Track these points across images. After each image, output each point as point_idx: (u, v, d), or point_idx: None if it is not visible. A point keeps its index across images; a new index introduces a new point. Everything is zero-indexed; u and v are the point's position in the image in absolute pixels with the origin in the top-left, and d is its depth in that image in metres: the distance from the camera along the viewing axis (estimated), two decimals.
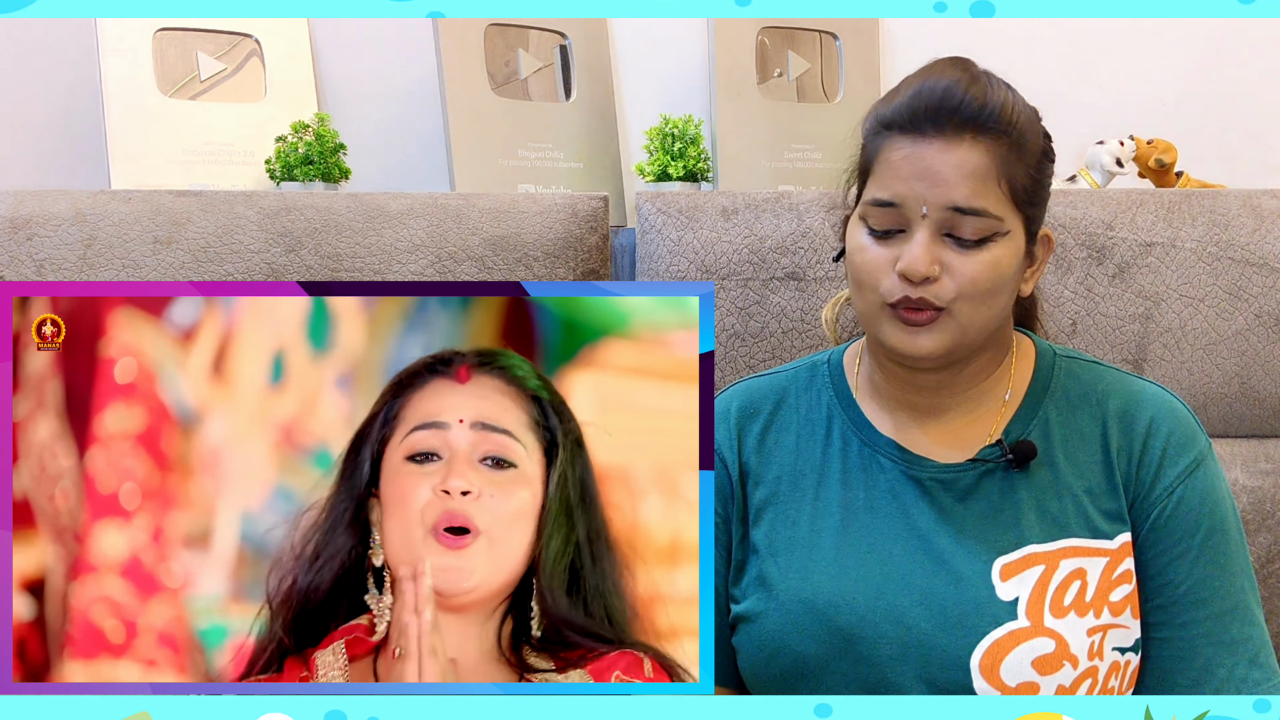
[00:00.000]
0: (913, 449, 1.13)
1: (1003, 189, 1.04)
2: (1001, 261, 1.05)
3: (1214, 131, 2.02)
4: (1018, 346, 1.16)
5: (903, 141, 1.05)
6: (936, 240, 1.04)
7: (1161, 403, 1.12)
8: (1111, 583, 1.07)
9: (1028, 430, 1.12)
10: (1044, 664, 1.04)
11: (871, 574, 1.09)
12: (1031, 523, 1.08)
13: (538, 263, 1.58)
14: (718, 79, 1.84)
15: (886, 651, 1.06)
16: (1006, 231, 1.05)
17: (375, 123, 1.88)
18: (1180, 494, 1.08)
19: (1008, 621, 1.05)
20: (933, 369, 1.10)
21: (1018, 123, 1.05)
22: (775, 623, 1.10)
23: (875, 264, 1.06)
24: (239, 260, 1.54)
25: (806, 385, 1.20)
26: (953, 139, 1.03)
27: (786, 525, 1.14)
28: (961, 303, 1.04)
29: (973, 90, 1.04)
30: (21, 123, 1.81)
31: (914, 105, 1.04)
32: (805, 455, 1.16)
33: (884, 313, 1.06)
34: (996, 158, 1.03)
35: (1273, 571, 1.58)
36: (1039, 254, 1.12)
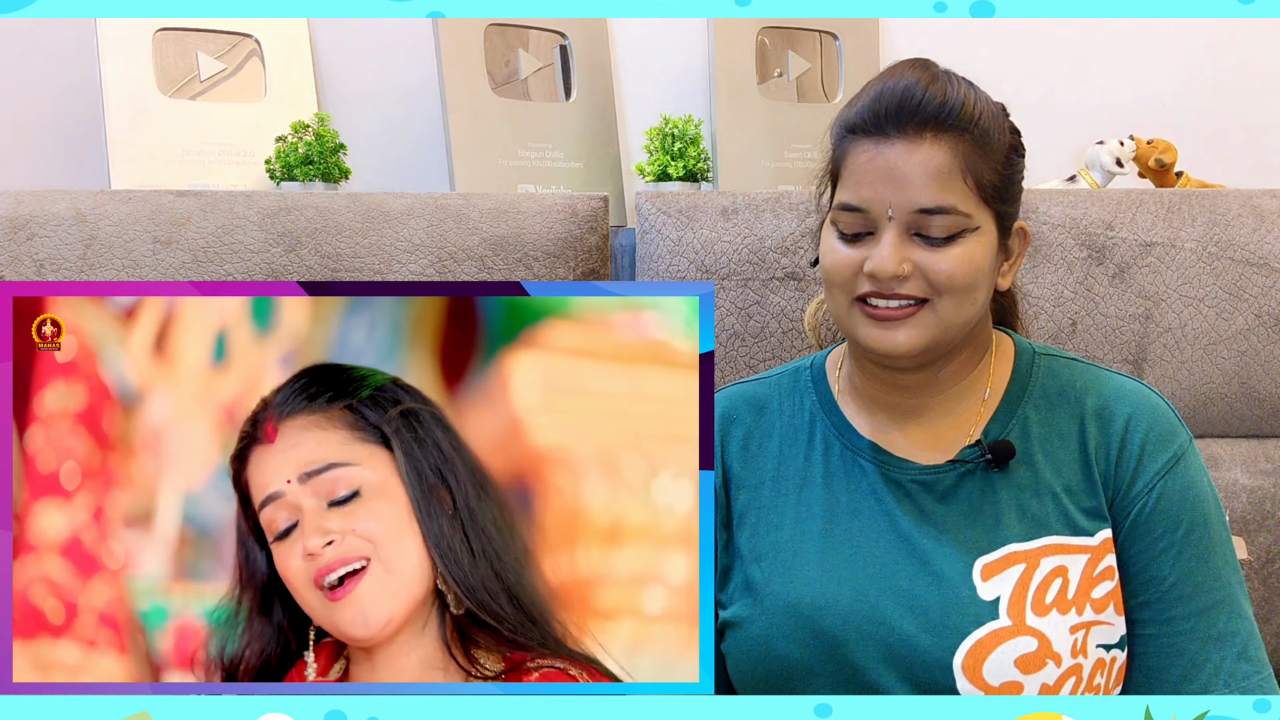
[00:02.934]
0: (894, 451, 1.13)
1: (969, 185, 1.05)
2: (974, 257, 1.05)
3: (1214, 131, 2.02)
4: (997, 345, 1.16)
5: (866, 144, 1.06)
6: (905, 240, 1.05)
7: (1139, 398, 1.11)
8: (1093, 579, 1.07)
9: (1007, 429, 1.12)
10: (1027, 663, 1.04)
11: (855, 577, 1.09)
12: (1012, 522, 1.08)
13: (538, 263, 1.58)
14: (718, 79, 1.84)
15: (870, 654, 1.06)
16: (976, 227, 1.05)
17: (375, 123, 1.88)
18: (1161, 489, 1.08)
19: (989, 621, 1.05)
20: (913, 367, 1.10)
21: (980, 119, 1.06)
22: (761, 628, 1.11)
23: (844, 266, 1.07)
24: (239, 260, 1.54)
25: (790, 391, 1.20)
26: (914, 138, 1.04)
27: (770, 530, 1.14)
28: (940, 298, 1.05)
29: (932, 89, 1.04)
30: (21, 123, 1.81)
31: (875, 108, 1.06)
32: (788, 460, 1.16)
33: (855, 310, 1.07)
34: (959, 155, 1.04)
35: (1273, 572, 1.58)
36: (1015, 248, 1.12)
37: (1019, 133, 1.11)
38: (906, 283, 1.05)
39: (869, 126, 1.06)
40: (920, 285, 1.05)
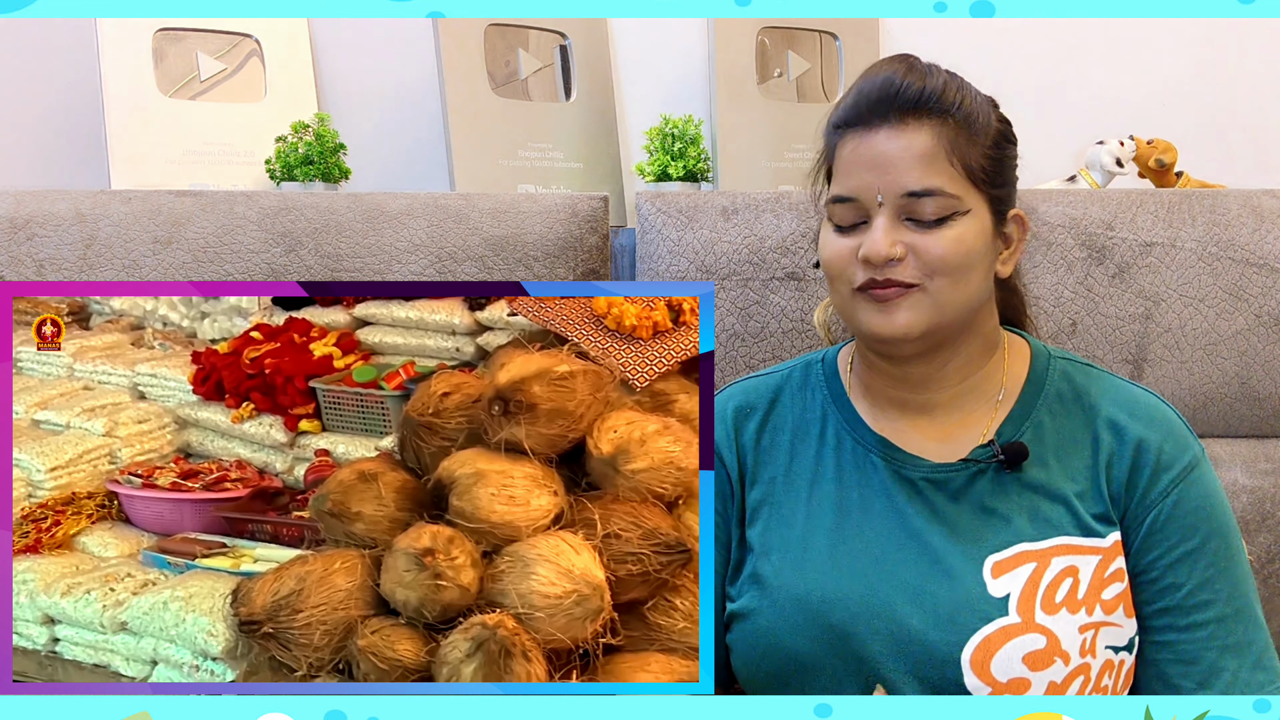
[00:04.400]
0: (905, 448, 1.14)
1: (956, 168, 1.06)
2: (966, 238, 1.06)
3: (1214, 131, 2.02)
4: (1010, 346, 1.17)
5: (852, 136, 1.08)
6: (896, 225, 1.06)
7: (1155, 411, 1.12)
8: (1104, 580, 1.08)
9: (1020, 431, 1.12)
10: (1035, 660, 1.04)
11: (864, 572, 1.09)
12: (1023, 523, 1.09)
13: (538, 263, 1.58)
14: (718, 79, 1.84)
15: (878, 648, 1.07)
16: (967, 210, 1.07)
17: (375, 123, 1.88)
18: (1176, 497, 1.09)
19: (999, 617, 1.05)
20: (916, 355, 1.11)
21: (962, 103, 1.07)
22: (769, 620, 1.11)
23: (841, 255, 1.08)
24: (239, 260, 1.54)
25: (801, 385, 1.21)
26: (897, 125, 1.06)
27: (782, 525, 1.14)
28: (933, 280, 1.06)
29: (910, 77, 1.07)
30: (21, 123, 1.82)
31: (858, 101, 1.08)
32: (800, 455, 1.17)
33: (856, 299, 1.09)
34: (944, 138, 1.06)
35: (1273, 572, 1.58)
36: (1013, 234, 1.13)
37: (1008, 122, 1.12)
38: (900, 266, 1.06)
39: (853, 119, 1.08)
40: (914, 268, 1.06)
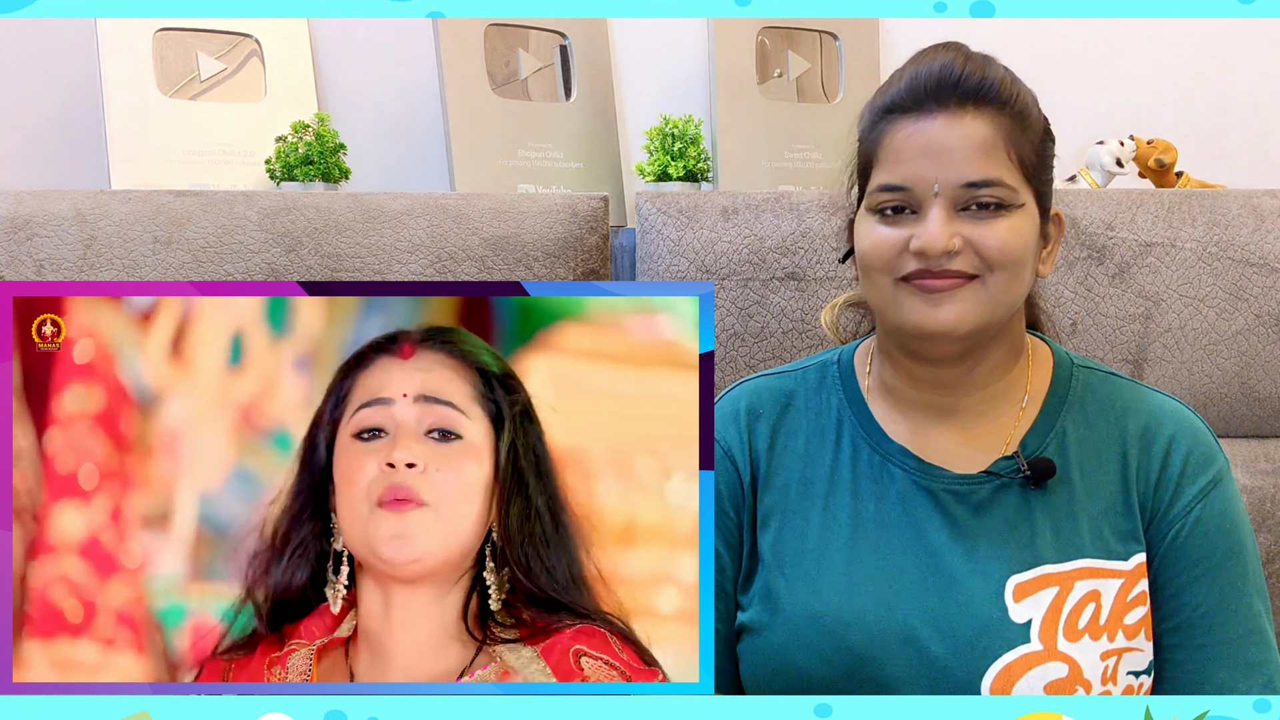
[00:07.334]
0: (926, 456, 1.09)
1: (1012, 160, 1.02)
2: (1023, 230, 1.03)
3: (1214, 131, 2.02)
4: (1034, 351, 1.13)
5: (905, 122, 1.03)
6: (952, 216, 1.01)
7: (1181, 420, 1.09)
8: (1126, 605, 1.05)
9: (1045, 442, 1.09)
10: (1057, 689, 1.01)
11: (881, 591, 1.06)
12: (1047, 542, 1.05)
13: (538, 263, 1.58)
14: (718, 79, 1.84)
15: (896, 673, 1.03)
16: (1022, 204, 1.03)
17: (375, 123, 1.88)
18: (1198, 513, 1.06)
19: (1020, 645, 1.02)
20: (952, 355, 1.06)
21: (1019, 95, 1.04)
22: (780, 638, 1.08)
23: (887, 245, 1.03)
24: (239, 260, 1.54)
25: (816, 387, 1.16)
26: (956, 112, 1.02)
27: (795, 536, 1.10)
28: (992, 273, 1.02)
29: (969, 65, 1.03)
30: (21, 123, 1.82)
31: (913, 86, 1.04)
32: (815, 462, 1.12)
33: (900, 290, 1.03)
34: (1002, 129, 1.02)
35: (1273, 571, 1.58)
36: (1052, 233, 1.10)
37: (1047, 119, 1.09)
38: (956, 258, 1.01)
39: (908, 104, 1.03)
40: (971, 260, 1.02)
